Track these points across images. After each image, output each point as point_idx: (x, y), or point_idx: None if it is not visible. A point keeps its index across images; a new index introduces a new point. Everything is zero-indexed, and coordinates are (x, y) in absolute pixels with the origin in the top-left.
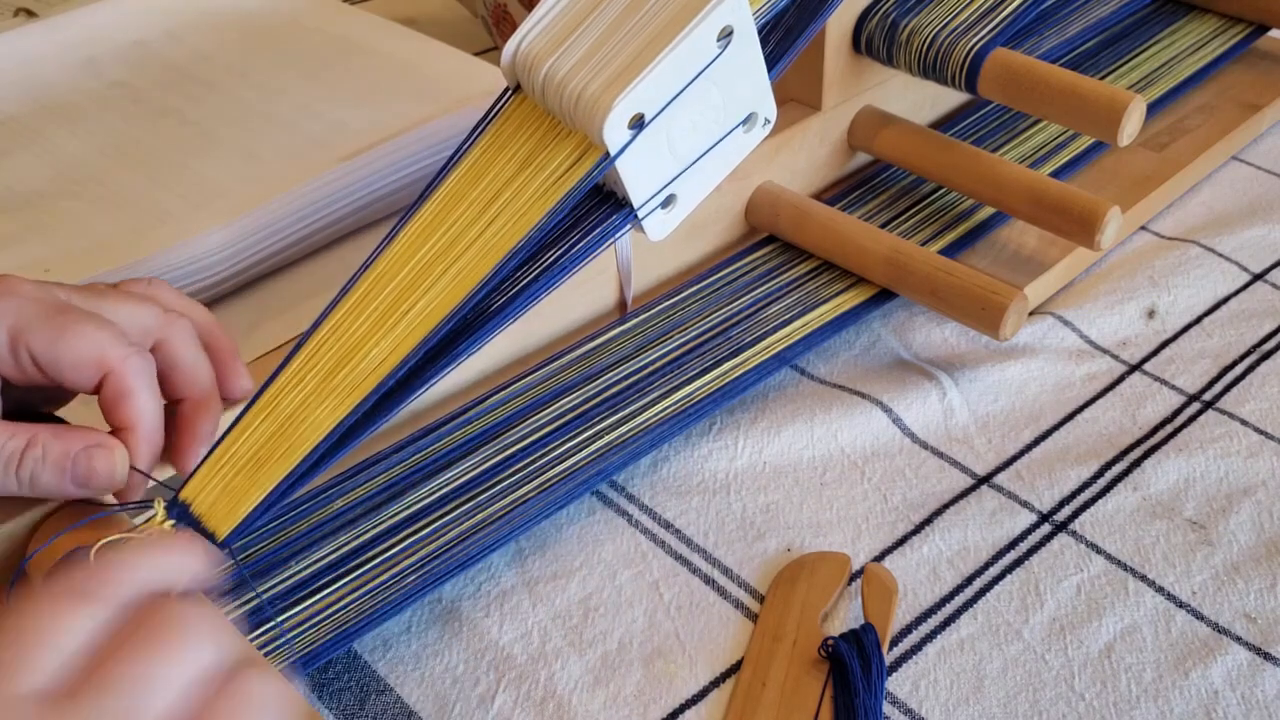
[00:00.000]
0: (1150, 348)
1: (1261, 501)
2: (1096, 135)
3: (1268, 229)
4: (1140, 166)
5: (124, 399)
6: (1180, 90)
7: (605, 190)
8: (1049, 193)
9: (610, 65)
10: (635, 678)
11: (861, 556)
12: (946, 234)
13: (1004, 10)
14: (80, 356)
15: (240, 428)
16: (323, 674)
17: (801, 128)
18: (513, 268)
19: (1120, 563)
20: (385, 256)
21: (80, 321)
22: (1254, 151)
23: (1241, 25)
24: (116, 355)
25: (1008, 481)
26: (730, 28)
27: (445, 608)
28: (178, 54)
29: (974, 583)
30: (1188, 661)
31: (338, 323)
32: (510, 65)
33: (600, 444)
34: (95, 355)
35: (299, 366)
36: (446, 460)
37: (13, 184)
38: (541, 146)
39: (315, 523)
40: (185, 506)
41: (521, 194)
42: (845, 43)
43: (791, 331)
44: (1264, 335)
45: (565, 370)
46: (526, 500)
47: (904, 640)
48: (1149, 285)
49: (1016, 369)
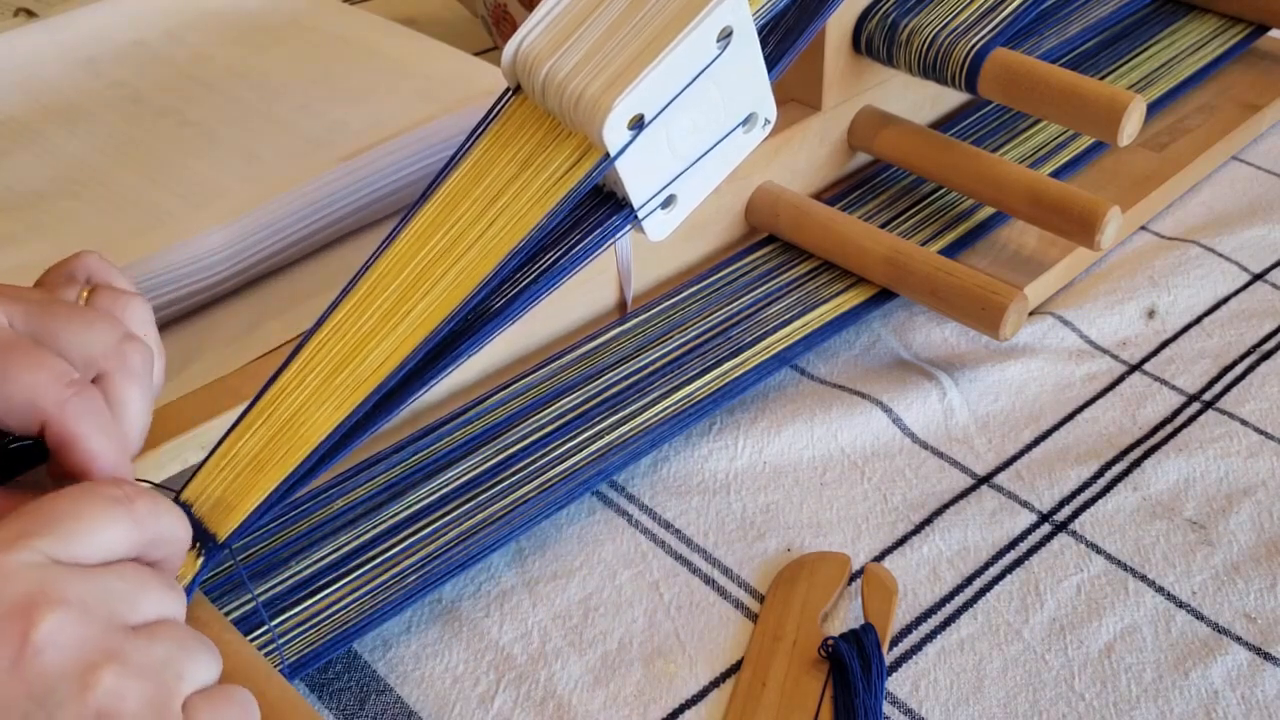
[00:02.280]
0: (1150, 348)
1: (1261, 501)
2: (1096, 135)
3: (1268, 229)
4: (1140, 166)
5: (67, 448)
6: (1180, 90)
7: (605, 191)
8: (1049, 193)
9: (610, 66)
10: (635, 678)
11: (861, 556)
12: (946, 234)
13: (1004, 10)
14: (14, 404)
15: (241, 428)
16: (323, 674)
17: (801, 128)
18: (513, 268)
19: (1120, 563)
20: (386, 257)
21: (12, 363)
22: (1254, 151)
23: (1241, 25)
24: (51, 401)
25: (1008, 481)
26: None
27: (445, 608)
28: (178, 54)
29: (974, 583)
30: (1188, 661)
31: (338, 323)
32: (511, 66)
33: (600, 444)
34: (28, 401)
35: (299, 367)
36: (446, 460)
37: (13, 184)
38: (542, 147)
39: (315, 523)
40: (186, 507)
41: (522, 194)
42: (845, 43)
43: (791, 331)
44: (1264, 335)
45: (565, 370)
46: (526, 500)
47: (904, 640)
48: (1149, 285)
49: (1016, 369)
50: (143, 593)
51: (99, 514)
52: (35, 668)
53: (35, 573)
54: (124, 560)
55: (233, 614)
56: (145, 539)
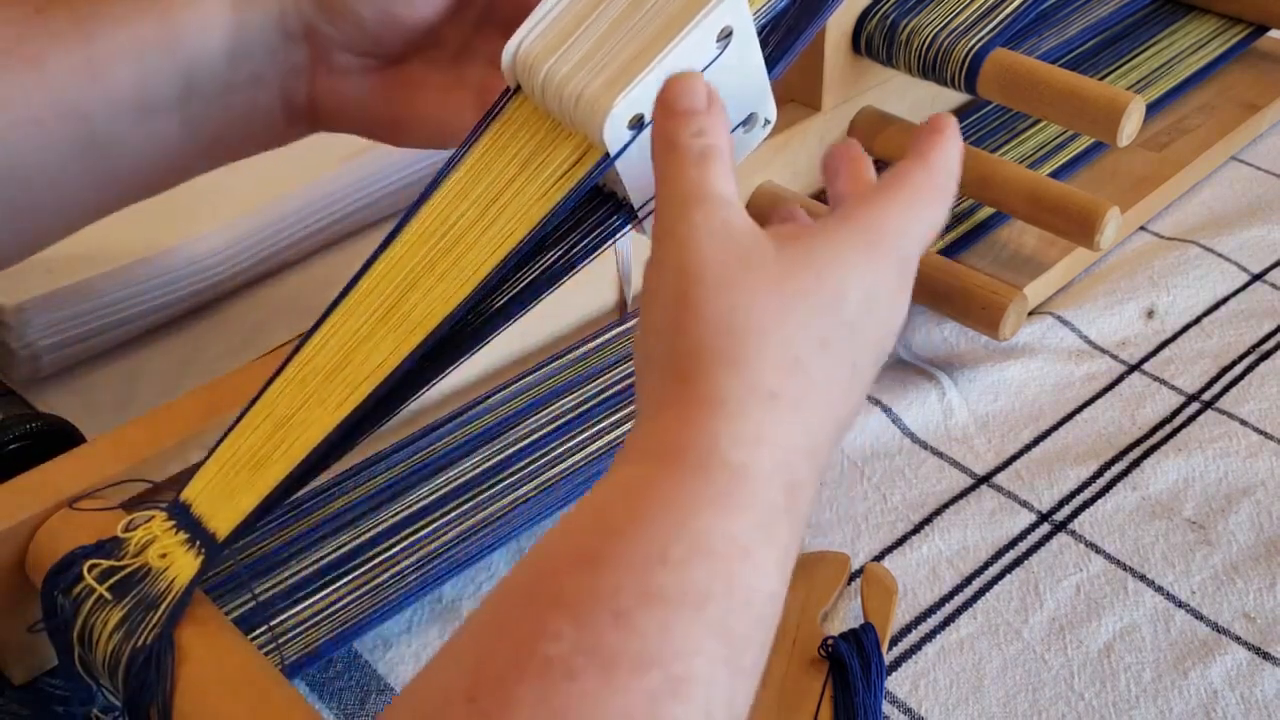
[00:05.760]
0: (1150, 348)
1: (1260, 501)
2: (1096, 135)
3: (1267, 229)
4: (1140, 167)
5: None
6: (1180, 90)
7: (606, 191)
8: (1048, 193)
9: (610, 65)
10: None
11: (861, 556)
12: (946, 234)
13: (1003, 10)
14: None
15: (241, 428)
16: (323, 674)
17: (801, 128)
18: (513, 268)
19: (1119, 562)
20: (385, 257)
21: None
22: (1253, 152)
23: (1241, 25)
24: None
25: (1007, 481)
26: (730, 28)
27: (445, 608)
28: None
29: (973, 582)
30: (1187, 661)
31: (338, 323)
32: (510, 66)
33: (600, 444)
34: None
35: (299, 367)
36: (446, 460)
37: None
38: (542, 147)
39: (316, 522)
40: (186, 507)
41: (522, 194)
42: (845, 43)
43: None
44: (1263, 335)
45: (565, 370)
46: (526, 500)
47: (903, 640)
48: (1148, 285)
49: (1016, 369)
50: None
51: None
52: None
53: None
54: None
55: (233, 614)
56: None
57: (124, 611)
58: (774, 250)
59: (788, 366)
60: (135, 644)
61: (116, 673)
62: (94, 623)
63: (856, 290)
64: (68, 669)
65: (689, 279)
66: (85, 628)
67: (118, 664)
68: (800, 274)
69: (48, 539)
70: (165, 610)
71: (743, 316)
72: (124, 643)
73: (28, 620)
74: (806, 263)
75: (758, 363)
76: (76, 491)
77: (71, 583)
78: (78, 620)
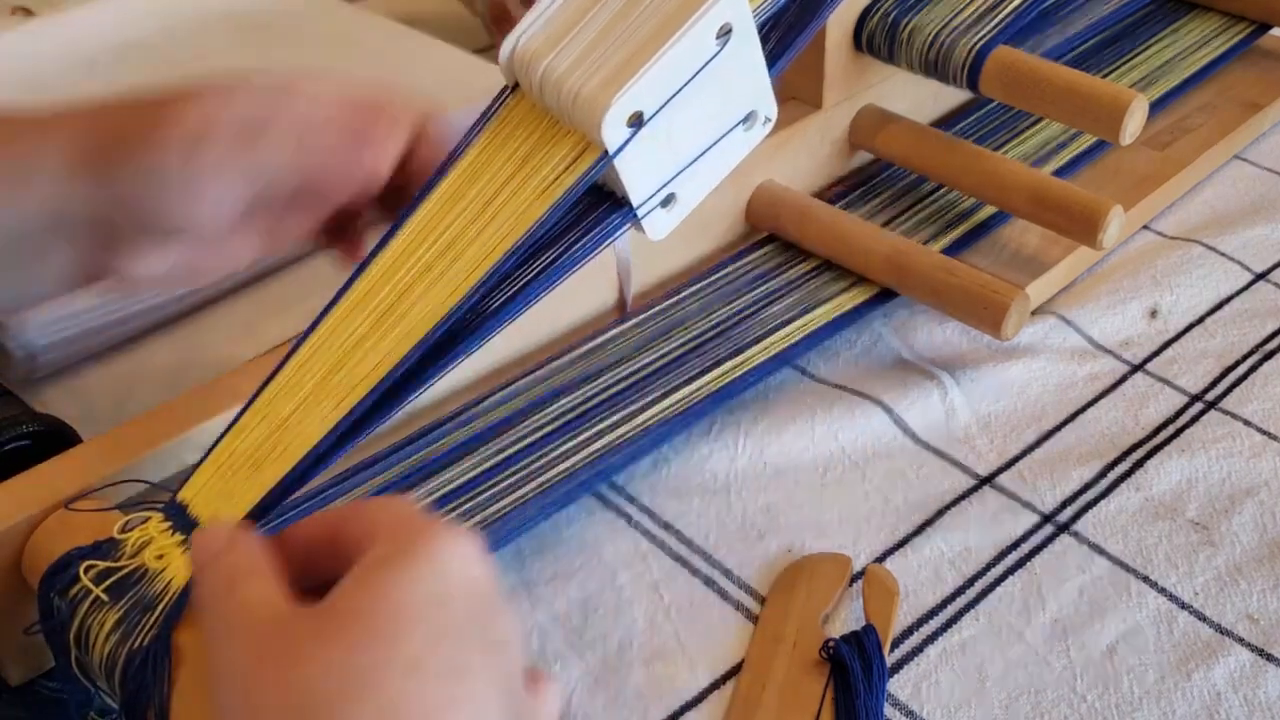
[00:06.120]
0: (1153, 347)
1: (1264, 502)
2: (1098, 134)
3: (1270, 228)
4: (1142, 165)
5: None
6: (1182, 89)
7: (604, 189)
8: (1051, 192)
9: (608, 63)
10: (635, 679)
11: (863, 557)
12: (948, 233)
13: (1006, 8)
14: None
15: (239, 428)
16: None
17: (802, 126)
18: (511, 267)
19: (1122, 564)
20: (383, 256)
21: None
22: (1256, 150)
23: (1243, 24)
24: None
25: (1010, 482)
26: (730, 25)
27: None
28: (178, 54)
29: (976, 584)
30: (1190, 663)
31: (336, 323)
32: (508, 63)
33: (600, 444)
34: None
35: (297, 367)
36: (446, 460)
37: None
38: (540, 145)
39: None
40: (183, 507)
41: (520, 193)
42: (846, 40)
43: (792, 331)
44: (1267, 335)
45: (565, 370)
46: (526, 500)
47: (905, 642)
48: (1151, 285)
49: (1018, 369)
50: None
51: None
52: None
53: None
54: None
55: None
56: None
57: (121, 613)
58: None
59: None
60: (132, 645)
61: (113, 674)
62: (91, 624)
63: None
64: (64, 671)
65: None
66: (82, 629)
67: (115, 666)
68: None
69: (44, 540)
70: (162, 612)
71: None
72: (121, 644)
73: (24, 622)
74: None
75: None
76: (73, 492)
77: (68, 584)
78: (74, 622)
